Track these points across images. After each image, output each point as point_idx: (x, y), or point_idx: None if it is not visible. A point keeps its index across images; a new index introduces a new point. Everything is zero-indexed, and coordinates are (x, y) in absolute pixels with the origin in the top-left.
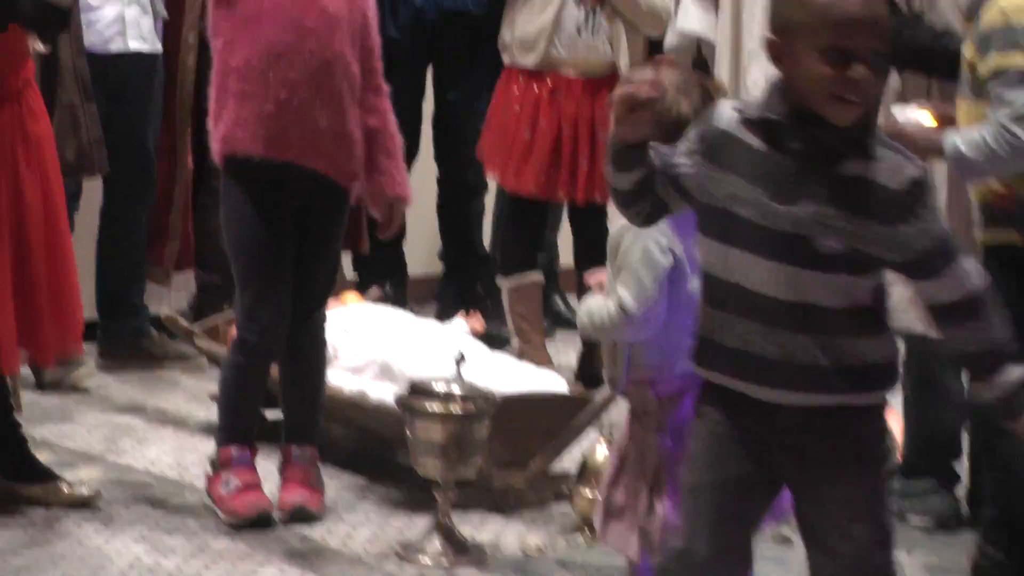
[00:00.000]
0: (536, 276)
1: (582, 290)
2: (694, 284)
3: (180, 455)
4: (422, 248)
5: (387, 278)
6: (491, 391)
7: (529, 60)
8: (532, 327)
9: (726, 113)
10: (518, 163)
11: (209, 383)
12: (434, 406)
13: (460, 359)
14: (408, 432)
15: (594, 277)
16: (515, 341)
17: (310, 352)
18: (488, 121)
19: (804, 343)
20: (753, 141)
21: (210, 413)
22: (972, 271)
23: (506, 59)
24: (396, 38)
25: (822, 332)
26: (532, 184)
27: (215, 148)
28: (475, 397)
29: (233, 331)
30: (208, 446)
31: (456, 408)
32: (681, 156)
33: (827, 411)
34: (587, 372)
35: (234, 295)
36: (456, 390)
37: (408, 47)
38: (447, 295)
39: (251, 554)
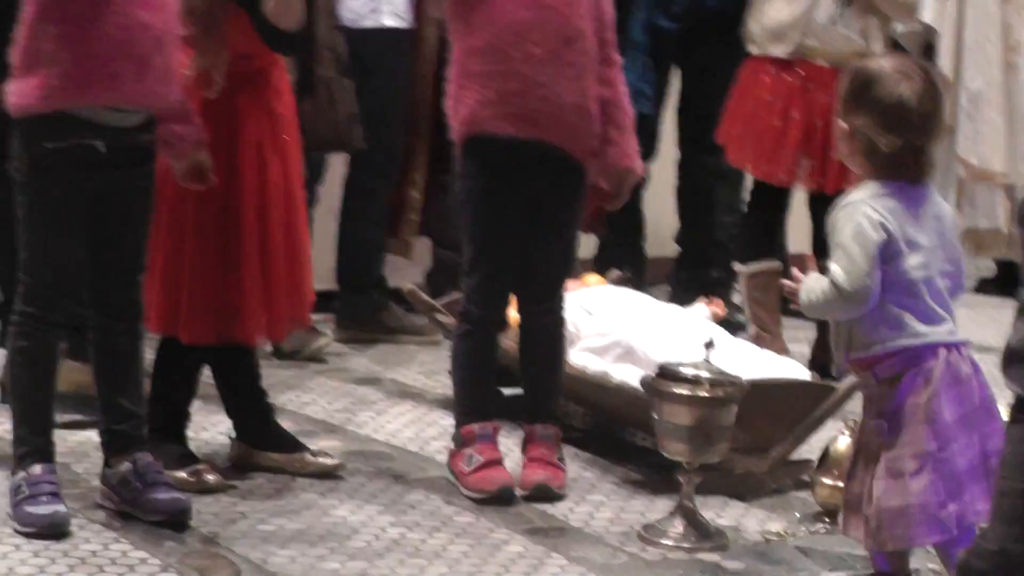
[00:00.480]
0: (775, 264)
1: None
2: (910, 262)
3: (420, 428)
4: (655, 230)
5: (626, 261)
6: (739, 377)
7: (780, 50)
8: (769, 315)
9: None
10: (770, 152)
11: (446, 358)
12: (683, 390)
13: (709, 344)
14: (655, 415)
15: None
16: (751, 328)
17: (552, 331)
18: (733, 110)
19: None
20: None
21: (447, 388)
22: None
23: (753, 49)
24: (670, 28)
25: None
26: (784, 172)
27: (456, 129)
28: (723, 382)
29: None
30: (447, 420)
31: (704, 392)
32: None
33: None
34: (820, 361)
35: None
36: (704, 374)
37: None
38: (681, 279)
39: (494, 530)
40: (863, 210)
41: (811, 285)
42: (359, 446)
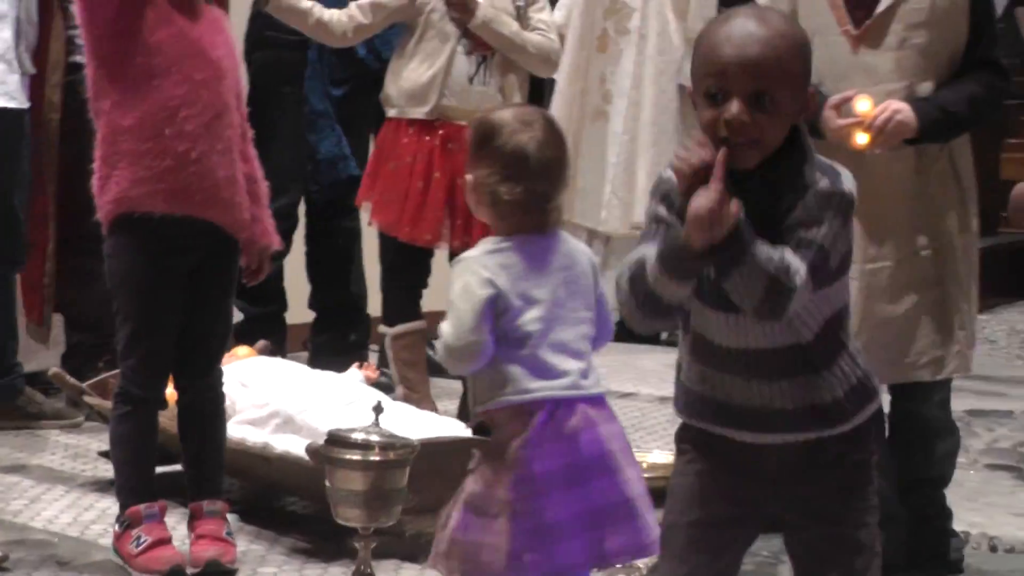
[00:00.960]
0: (420, 324)
1: None
2: (525, 317)
3: (77, 512)
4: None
5: (269, 331)
6: (409, 438)
7: (419, 112)
8: (417, 375)
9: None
10: (413, 214)
11: (89, 440)
12: (355, 455)
13: (378, 408)
14: (327, 482)
15: None
16: (399, 389)
17: (213, 406)
18: (373, 172)
19: (781, 388)
20: None
21: (97, 470)
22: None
23: (392, 112)
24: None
25: (785, 375)
26: (429, 233)
27: (105, 210)
28: (395, 445)
29: None
30: (103, 503)
31: (376, 456)
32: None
33: (811, 444)
34: (466, 418)
35: (117, 352)
36: (375, 438)
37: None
38: (319, 343)
39: None
40: (472, 267)
41: (438, 340)
42: (17, 535)
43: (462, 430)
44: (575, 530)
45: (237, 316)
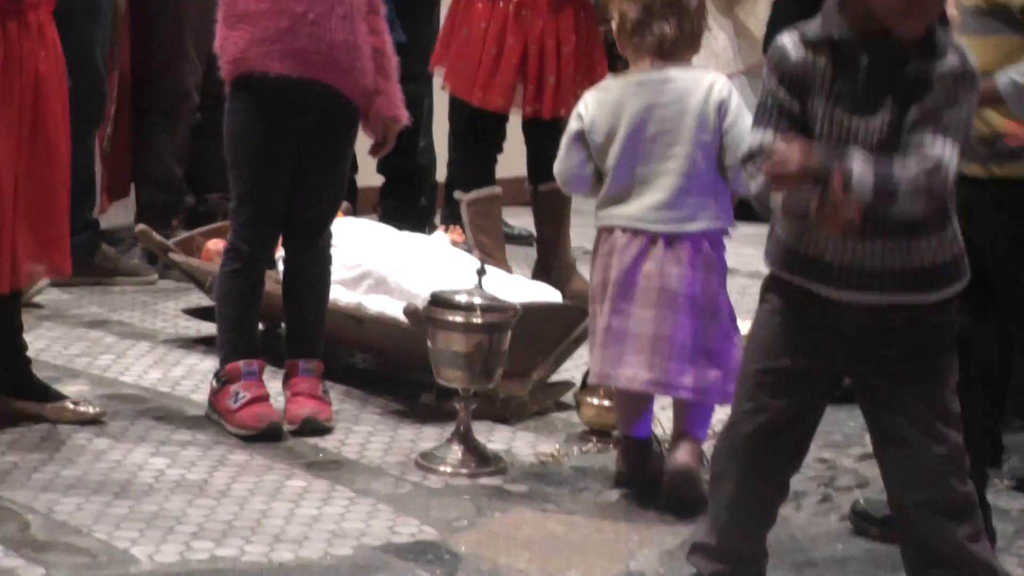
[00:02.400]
0: (496, 190)
1: (534, 202)
2: (608, 151)
3: (165, 369)
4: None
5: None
6: (510, 302)
7: None
8: (492, 241)
9: (789, 44)
10: (485, 79)
11: (166, 299)
12: (458, 317)
13: (481, 271)
14: (430, 343)
15: None
16: (475, 254)
17: (320, 267)
18: (446, 39)
19: (873, 248)
20: (821, 63)
21: (178, 328)
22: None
23: None
24: None
25: (894, 235)
26: (500, 98)
27: (225, 70)
28: (497, 308)
29: (210, 245)
30: (188, 360)
31: (479, 319)
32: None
33: (897, 309)
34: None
35: (229, 206)
36: (478, 301)
37: None
38: (388, 207)
39: (272, 466)
40: (579, 102)
41: None
42: (108, 389)
43: (552, 295)
44: (609, 343)
45: None
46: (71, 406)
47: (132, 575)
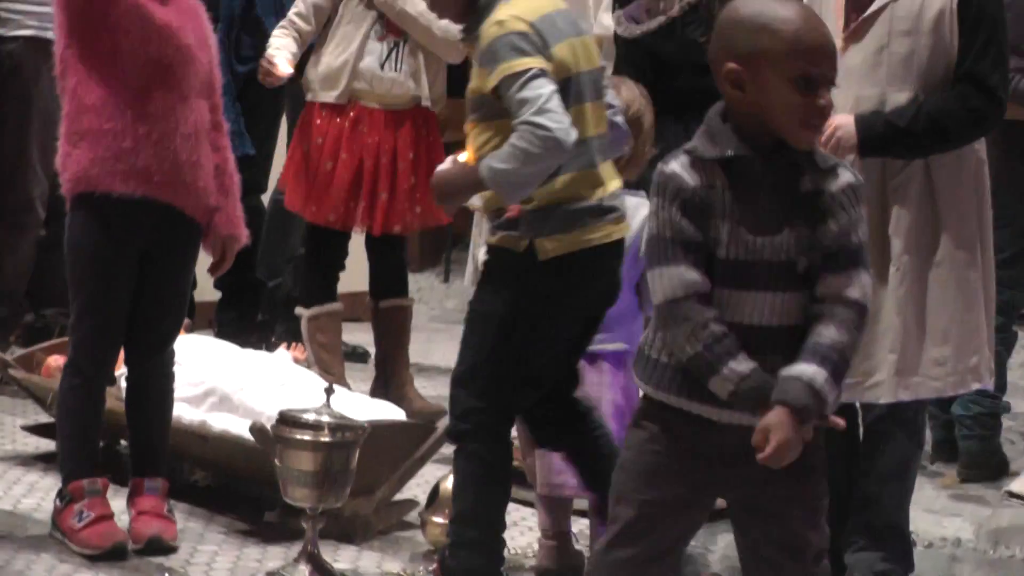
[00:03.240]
0: (336, 306)
1: (375, 318)
2: None
3: (6, 487)
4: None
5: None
6: (358, 420)
7: (331, 95)
8: (332, 357)
9: (680, 169)
10: (319, 194)
11: (12, 411)
12: (306, 435)
13: (329, 389)
14: (277, 462)
15: None
16: (314, 370)
17: (163, 385)
18: (291, 155)
19: (773, 363)
20: (719, 183)
21: (17, 444)
22: (868, 286)
23: (308, 96)
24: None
25: (780, 352)
26: (332, 213)
27: (66, 187)
28: (345, 426)
29: (51, 360)
30: (30, 476)
31: (327, 437)
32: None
33: None
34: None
35: (68, 321)
36: (326, 419)
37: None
38: (226, 320)
39: None
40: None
41: None
42: None
43: (396, 412)
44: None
45: None
46: None
47: None
